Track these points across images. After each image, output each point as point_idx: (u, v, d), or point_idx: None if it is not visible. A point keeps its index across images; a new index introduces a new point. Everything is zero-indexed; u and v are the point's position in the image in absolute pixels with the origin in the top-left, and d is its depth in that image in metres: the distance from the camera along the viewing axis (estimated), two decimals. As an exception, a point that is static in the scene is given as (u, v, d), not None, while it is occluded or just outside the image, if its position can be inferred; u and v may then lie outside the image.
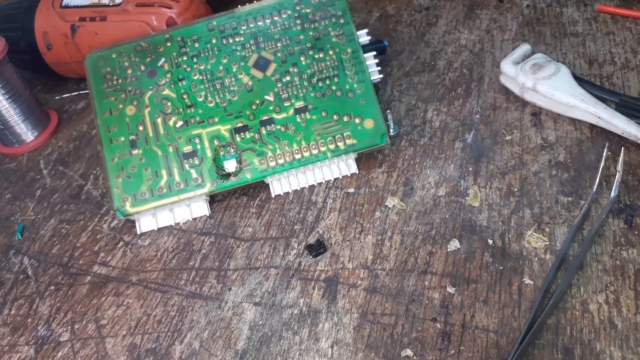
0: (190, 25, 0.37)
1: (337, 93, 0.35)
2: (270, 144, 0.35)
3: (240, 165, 0.34)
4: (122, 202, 0.34)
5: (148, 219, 0.34)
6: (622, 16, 0.42)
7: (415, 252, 0.31)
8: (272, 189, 0.35)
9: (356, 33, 0.36)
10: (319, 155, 0.34)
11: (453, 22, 0.45)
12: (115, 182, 0.34)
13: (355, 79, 0.36)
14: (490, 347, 0.27)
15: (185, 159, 0.35)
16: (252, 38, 0.36)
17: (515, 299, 0.28)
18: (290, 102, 0.35)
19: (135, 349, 0.30)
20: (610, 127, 0.34)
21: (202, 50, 0.36)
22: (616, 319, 0.27)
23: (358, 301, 0.29)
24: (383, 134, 0.35)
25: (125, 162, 0.35)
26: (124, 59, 0.36)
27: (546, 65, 0.37)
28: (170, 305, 0.31)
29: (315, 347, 0.28)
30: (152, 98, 0.36)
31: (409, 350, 0.27)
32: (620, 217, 0.31)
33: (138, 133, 0.35)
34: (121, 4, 0.41)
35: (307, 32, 0.36)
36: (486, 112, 0.38)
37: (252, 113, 0.35)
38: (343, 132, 0.35)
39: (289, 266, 0.32)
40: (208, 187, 0.34)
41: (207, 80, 0.36)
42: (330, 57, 0.36)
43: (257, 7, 0.37)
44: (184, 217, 0.35)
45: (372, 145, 0.35)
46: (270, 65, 0.36)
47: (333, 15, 0.37)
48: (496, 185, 0.33)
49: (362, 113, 0.35)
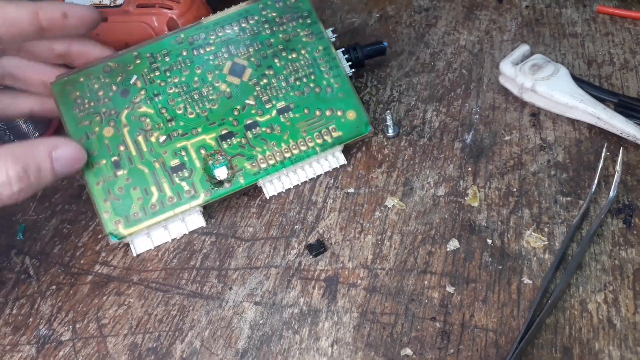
0: (157, 40, 0.36)
1: (316, 90, 0.36)
2: (259, 146, 0.35)
3: (231, 171, 0.34)
4: (115, 225, 0.33)
5: (142, 239, 0.34)
6: (621, 17, 0.43)
7: (414, 252, 0.31)
8: (265, 190, 0.35)
9: (325, 31, 0.37)
10: (308, 151, 0.35)
11: (452, 23, 0.45)
12: (104, 206, 0.33)
13: (330, 74, 0.36)
14: (489, 346, 0.27)
15: (174, 172, 0.34)
16: (224, 46, 0.36)
17: (514, 298, 0.28)
18: (272, 104, 0.35)
19: (136, 348, 0.30)
20: (609, 127, 0.34)
21: (173, 63, 0.36)
22: (615, 319, 0.27)
23: (358, 300, 0.30)
24: (366, 122, 0.36)
25: (111, 184, 0.34)
26: (92, 81, 0.35)
27: (545, 65, 0.37)
28: (171, 305, 0.31)
29: (316, 346, 0.28)
30: (129, 117, 0.35)
31: (409, 349, 0.27)
32: (619, 217, 0.31)
33: (120, 153, 0.34)
34: (122, 5, 0.41)
35: (277, 35, 0.37)
36: (485, 113, 0.38)
37: (235, 119, 0.35)
38: (328, 125, 0.35)
39: (289, 266, 0.32)
40: (202, 197, 0.34)
41: (183, 92, 0.35)
42: (303, 56, 0.37)
43: (223, 16, 0.37)
44: (180, 231, 0.34)
45: (358, 135, 0.36)
46: (245, 71, 0.36)
47: (299, 16, 0.37)
48: (495, 185, 0.33)
49: (343, 106, 0.36)
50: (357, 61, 0.41)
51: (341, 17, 0.48)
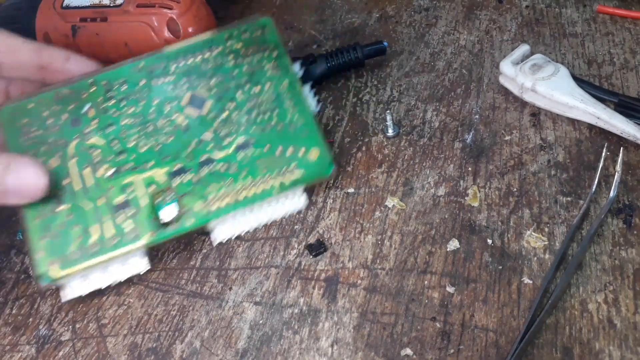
0: (115, 67, 0.34)
1: (278, 126, 0.34)
2: (212, 185, 0.32)
3: (180, 211, 0.31)
4: (47, 266, 0.30)
5: (78, 283, 0.31)
6: (621, 17, 0.43)
7: (414, 252, 0.31)
8: (214, 236, 0.32)
9: (291, 65, 0.35)
10: (264, 192, 0.32)
11: (452, 23, 0.45)
12: (39, 245, 0.30)
13: (295, 110, 0.34)
14: (489, 347, 0.27)
15: (119, 210, 0.31)
16: (184, 77, 0.34)
17: (514, 298, 0.28)
18: (231, 139, 0.33)
19: (136, 348, 0.30)
20: (609, 127, 0.34)
21: (130, 92, 0.34)
22: (615, 319, 0.27)
23: (358, 300, 0.30)
24: (329, 162, 0.33)
25: (51, 221, 0.31)
26: (42, 108, 0.33)
27: (545, 65, 0.37)
28: (171, 305, 0.31)
29: (316, 346, 0.28)
30: (77, 148, 0.32)
31: (409, 349, 0.27)
32: (619, 217, 0.31)
33: (64, 187, 0.32)
34: (122, 5, 0.41)
35: (241, 67, 0.35)
36: (485, 113, 0.38)
37: (190, 154, 0.33)
38: (288, 165, 0.33)
39: (289, 266, 0.32)
40: (146, 238, 0.31)
41: (138, 124, 0.33)
42: (267, 90, 0.34)
43: (186, 45, 0.35)
44: (121, 275, 0.31)
45: (320, 176, 0.33)
46: (205, 103, 0.34)
47: (265, 48, 0.35)
48: (495, 185, 0.33)
49: (305, 144, 0.33)
50: (357, 61, 0.41)
51: (341, 17, 0.48)
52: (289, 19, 0.49)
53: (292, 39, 0.47)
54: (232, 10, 0.51)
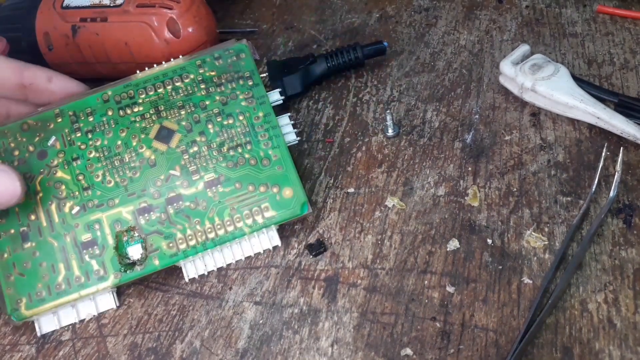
0: (82, 97, 0.33)
1: (251, 161, 0.32)
2: (179, 223, 0.31)
3: (145, 252, 0.31)
4: (16, 304, 0.30)
5: (49, 319, 0.31)
6: (621, 17, 0.43)
7: (414, 252, 0.31)
8: (185, 272, 0.31)
9: (267, 94, 0.33)
10: (235, 232, 0.31)
11: (452, 22, 0.45)
12: (7, 283, 0.30)
13: (269, 145, 0.32)
14: (489, 346, 0.27)
15: (85, 248, 0.31)
16: (153, 107, 0.33)
17: (514, 298, 0.28)
18: (199, 175, 0.32)
19: (136, 348, 0.30)
20: (609, 127, 0.34)
21: (97, 124, 0.33)
22: (615, 319, 0.27)
23: (358, 300, 0.30)
24: (304, 202, 0.32)
25: (17, 258, 0.31)
26: (8, 139, 0.32)
27: (545, 65, 0.37)
28: (171, 305, 0.31)
29: (316, 346, 0.28)
30: (43, 182, 0.32)
31: (409, 349, 0.27)
32: (619, 217, 0.31)
33: (29, 223, 0.31)
34: (122, 5, 0.41)
35: (213, 96, 0.33)
36: (485, 113, 0.38)
37: (157, 190, 0.32)
38: (260, 204, 0.32)
39: (289, 265, 0.32)
40: (111, 279, 0.31)
41: (104, 157, 0.32)
42: (240, 122, 0.33)
43: (155, 72, 0.34)
44: (89, 312, 0.31)
45: (293, 216, 0.32)
46: (174, 136, 0.32)
47: (240, 77, 0.33)
48: (495, 185, 0.33)
49: (279, 181, 0.32)
50: (357, 61, 0.41)
51: (341, 17, 0.48)
52: (289, 19, 0.49)
53: (292, 39, 0.47)
54: (232, 10, 0.51)
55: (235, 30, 0.49)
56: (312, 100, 0.41)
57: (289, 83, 0.40)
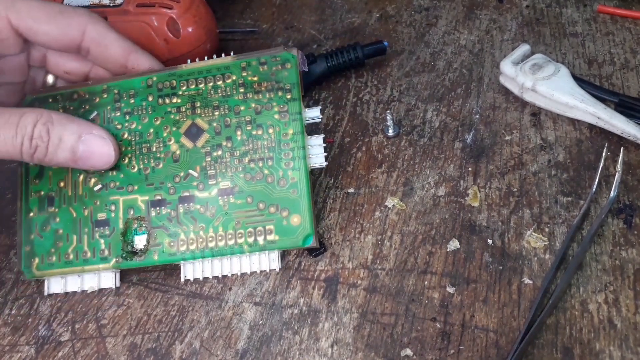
0: (129, 77, 0.34)
1: (268, 178, 0.31)
2: (185, 224, 0.31)
3: (148, 245, 0.31)
4: (30, 262, 0.32)
5: (57, 281, 0.32)
6: (622, 16, 0.42)
7: (415, 252, 0.31)
8: (183, 271, 0.32)
9: (303, 111, 0.32)
10: (234, 248, 0.31)
11: (453, 22, 0.45)
12: (27, 240, 0.32)
13: (290, 166, 0.31)
14: (489, 347, 0.27)
15: (97, 226, 0.32)
16: (190, 101, 0.33)
17: (514, 298, 0.28)
18: (216, 181, 0.32)
19: (135, 348, 0.30)
20: (610, 127, 0.34)
21: (136, 107, 0.33)
22: (615, 319, 0.27)
23: (358, 301, 0.30)
24: (308, 235, 0.31)
25: (40, 219, 0.32)
26: (59, 104, 0.34)
27: (546, 65, 0.37)
28: (171, 305, 0.31)
29: (316, 346, 0.28)
30: None
31: (409, 349, 0.27)
32: (619, 217, 0.31)
33: (58, 189, 0.33)
34: (122, 5, 0.41)
35: (249, 103, 0.32)
36: (486, 113, 0.38)
37: (174, 186, 0.32)
38: (265, 224, 0.31)
39: (289, 266, 0.32)
40: (113, 262, 0.32)
41: (135, 142, 0.33)
42: (268, 135, 0.32)
43: (201, 66, 0.34)
44: (92, 286, 0.32)
45: (293, 246, 0.31)
46: (202, 135, 0.32)
47: (280, 87, 0.32)
48: (496, 185, 0.33)
49: (290, 206, 0.31)
50: (357, 61, 0.41)
51: (341, 16, 0.48)
52: (289, 18, 0.49)
53: (292, 39, 0.47)
54: (232, 10, 0.51)
55: (235, 30, 0.49)
56: (312, 100, 0.41)
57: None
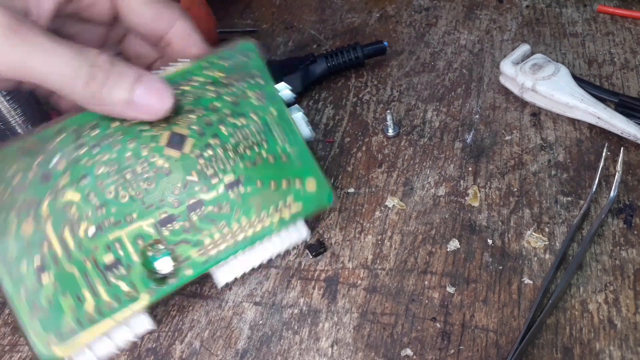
0: (84, 110, 0.30)
1: (269, 159, 0.31)
2: (206, 229, 0.30)
3: (176, 263, 0.29)
4: (47, 346, 0.27)
5: (84, 355, 0.28)
6: (622, 16, 0.43)
7: (415, 252, 0.31)
8: (217, 279, 0.31)
9: (278, 90, 0.33)
10: (264, 230, 0.30)
11: (453, 22, 0.45)
12: (32, 324, 0.27)
13: (285, 141, 0.32)
14: (489, 347, 0.27)
15: (109, 270, 0.28)
16: None
17: (514, 298, 0.28)
18: (219, 178, 0.30)
19: (135, 348, 0.30)
20: (610, 127, 0.34)
21: (102, 137, 0.30)
22: (615, 319, 0.27)
23: (358, 301, 0.30)
24: (329, 192, 0.31)
25: (36, 295, 0.27)
26: (7, 165, 0.29)
27: (546, 65, 0.37)
28: (171, 305, 0.31)
29: (316, 346, 0.28)
30: (51, 206, 0.28)
31: (409, 349, 0.27)
32: (619, 217, 0.31)
33: (43, 254, 0.28)
34: (122, 5, 0.41)
35: (223, 98, 0.31)
36: (486, 113, 0.38)
37: (176, 199, 0.30)
38: (285, 199, 0.31)
39: (289, 266, 0.32)
40: (145, 298, 0.29)
41: (114, 172, 0.29)
42: (254, 121, 0.31)
43: None
44: (127, 339, 0.29)
45: (319, 207, 0.31)
46: (186, 141, 0.30)
47: (249, 76, 0.32)
48: (496, 185, 0.33)
49: (301, 175, 0.31)
50: (357, 61, 0.41)
51: (341, 16, 0.48)
52: (289, 18, 0.49)
53: (292, 39, 0.47)
54: (232, 10, 0.51)
55: (235, 30, 0.49)
56: (312, 100, 0.41)
57: (289, 83, 0.40)
